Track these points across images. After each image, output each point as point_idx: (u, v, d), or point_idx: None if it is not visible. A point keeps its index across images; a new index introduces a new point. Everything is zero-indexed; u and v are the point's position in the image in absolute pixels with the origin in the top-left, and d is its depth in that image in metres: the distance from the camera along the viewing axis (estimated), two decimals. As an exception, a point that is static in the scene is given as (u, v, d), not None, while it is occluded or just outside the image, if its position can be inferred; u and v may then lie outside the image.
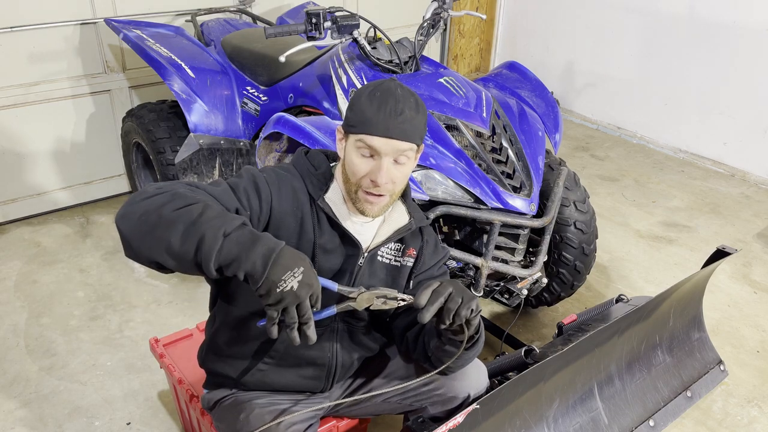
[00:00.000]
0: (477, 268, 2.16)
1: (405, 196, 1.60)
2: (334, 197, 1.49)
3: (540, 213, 2.25)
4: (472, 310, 1.34)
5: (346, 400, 1.63)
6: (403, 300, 1.35)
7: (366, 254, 1.52)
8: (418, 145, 1.43)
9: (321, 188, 1.48)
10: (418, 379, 1.50)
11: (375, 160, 1.39)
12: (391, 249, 1.58)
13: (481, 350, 1.55)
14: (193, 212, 1.17)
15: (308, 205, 1.47)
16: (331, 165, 1.55)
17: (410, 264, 1.60)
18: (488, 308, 2.81)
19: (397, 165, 1.41)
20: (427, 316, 1.30)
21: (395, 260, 1.59)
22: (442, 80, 2.26)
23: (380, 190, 1.40)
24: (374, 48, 2.31)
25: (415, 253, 1.60)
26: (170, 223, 1.16)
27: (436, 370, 1.46)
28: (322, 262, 1.49)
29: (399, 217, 1.57)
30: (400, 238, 1.57)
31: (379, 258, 1.56)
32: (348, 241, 1.50)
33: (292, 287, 1.16)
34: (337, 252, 1.50)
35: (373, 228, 1.54)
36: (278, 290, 1.15)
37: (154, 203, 1.19)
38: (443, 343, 1.45)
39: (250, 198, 1.39)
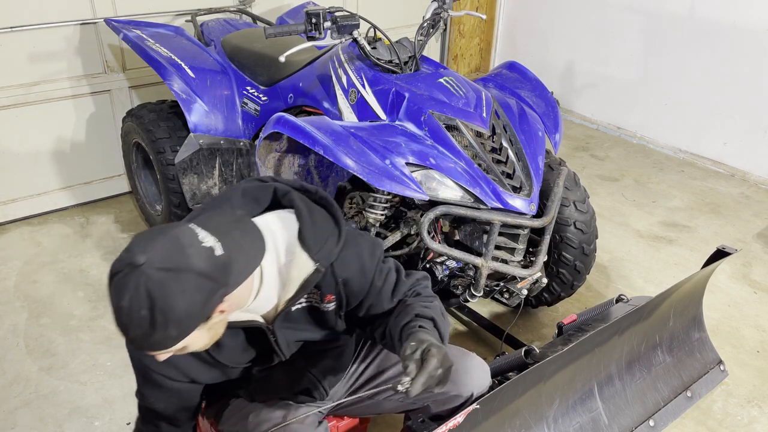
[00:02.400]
0: (477, 268, 2.15)
1: (301, 234, 1.33)
2: None
3: (540, 213, 2.25)
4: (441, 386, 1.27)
5: (350, 397, 1.63)
6: (401, 386, 1.23)
7: (275, 324, 1.38)
8: (198, 326, 1.16)
9: None
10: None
11: None
12: (306, 296, 1.41)
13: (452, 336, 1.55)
14: None
15: None
16: None
17: (331, 308, 1.44)
18: (488, 308, 2.81)
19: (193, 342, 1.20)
20: (402, 392, 1.23)
21: (315, 303, 1.44)
22: (442, 80, 2.26)
23: None
24: (374, 48, 2.31)
25: (333, 298, 1.42)
26: None
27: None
28: (226, 356, 1.40)
29: (300, 271, 1.33)
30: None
31: (293, 309, 1.40)
32: (245, 328, 1.37)
33: None
34: (239, 344, 1.40)
35: (269, 297, 1.34)
36: None
37: None
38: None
39: (163, 392, 1.43)
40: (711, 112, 4.24)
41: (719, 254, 2.14)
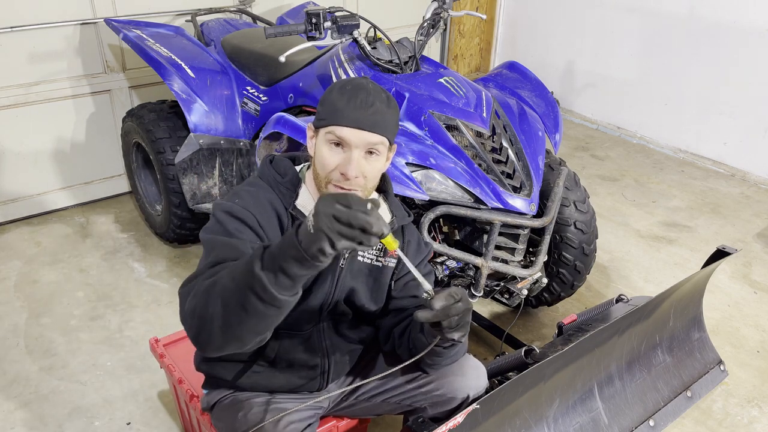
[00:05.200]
0: (477, 268, 2.16)
1: (387, 193, 1.56)
2: (306, 202, 1.47)
3: (540, 213, 2.25)
4: (461, 335, 1.33)
5: (345, 389, 1.63)
6: (427, 293, 1.31)
7: (347, 254, 1.50)
8: (390, 141, 1.42)
9: (291, 196, 1.46)
10: (401, 365, 1.46)
11: (345, 152, 1.37)
12: (372, 249, 1.55)
13: (467, 348, 1.58)
14: (229, 286, 1.17)
15: (285, 214, 1.45)
16: (298, 168, 1.52)
17: (392, 265, 1.59)
18: (488, 308, 2.81)
19: (368, 158, 1.39)
20: (422, 318, 1.28)
21: (377, 260, 1.57)
22: (442, 80, 2.26)
23: (350, 184, 1.37)
24: (374, 48, 2.31)
25: (396, 253, 1.59)
26: (227, 314, 1.18)
27: (416, 357, 1.45)
28: None
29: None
30: None
31: (359, 258, 1.54)
32: None
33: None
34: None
35: None
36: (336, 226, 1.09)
37: (203, 316, 1.21)
38: (426, 337, 1.45)
39: (244, 233, 1.37)
40: (711, 112, 4.24)
41: (719, 254, 2.14)
